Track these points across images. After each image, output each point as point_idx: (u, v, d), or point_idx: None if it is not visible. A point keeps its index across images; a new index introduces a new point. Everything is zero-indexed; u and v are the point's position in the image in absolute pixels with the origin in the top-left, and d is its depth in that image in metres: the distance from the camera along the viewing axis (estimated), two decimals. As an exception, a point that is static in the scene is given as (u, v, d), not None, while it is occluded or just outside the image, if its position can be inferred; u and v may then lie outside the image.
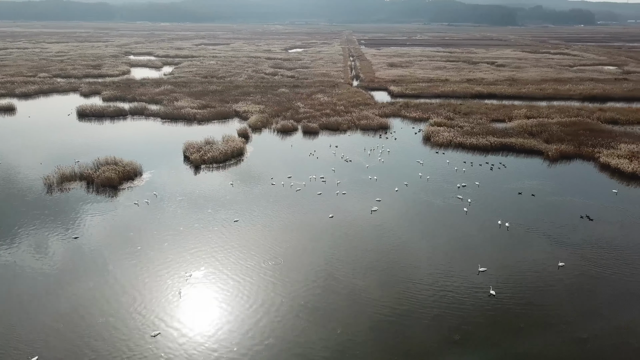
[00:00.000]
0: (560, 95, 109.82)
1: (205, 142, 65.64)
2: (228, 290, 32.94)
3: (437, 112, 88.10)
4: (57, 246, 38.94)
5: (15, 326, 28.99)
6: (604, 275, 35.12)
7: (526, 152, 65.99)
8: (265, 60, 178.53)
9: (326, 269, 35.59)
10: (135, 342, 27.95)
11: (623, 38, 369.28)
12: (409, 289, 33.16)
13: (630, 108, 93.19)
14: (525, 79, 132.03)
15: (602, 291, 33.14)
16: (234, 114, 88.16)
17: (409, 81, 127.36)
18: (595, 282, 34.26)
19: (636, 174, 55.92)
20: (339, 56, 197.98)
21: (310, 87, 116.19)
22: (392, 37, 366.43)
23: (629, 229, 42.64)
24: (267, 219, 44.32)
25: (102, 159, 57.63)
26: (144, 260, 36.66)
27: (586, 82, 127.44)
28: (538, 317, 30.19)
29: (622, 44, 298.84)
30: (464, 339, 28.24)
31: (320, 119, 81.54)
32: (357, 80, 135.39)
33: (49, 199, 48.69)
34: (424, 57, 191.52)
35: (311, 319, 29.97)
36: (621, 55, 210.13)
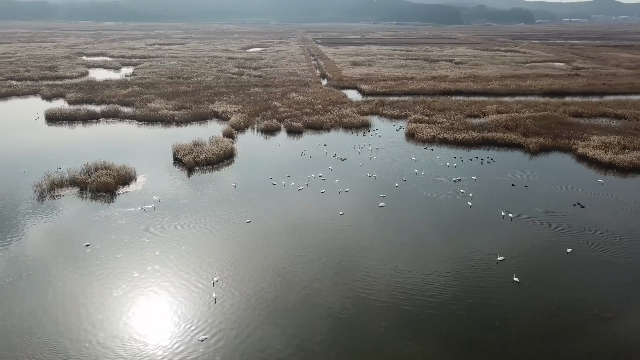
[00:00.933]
0: (523, 91, 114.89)
1: (194, 144, 64.55)
2: (260, 293, 32.77)
3: (413, 109, 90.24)
4: (73, 256, 37.44)
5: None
6: (612, 259, 37.39)
7: (507, 146, 68.83)
8: (227, 60, 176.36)
9: (354, 266, 36.08)
10: (185, 346, 27.50)
11: (563, 36, 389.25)
12: (438, 281, 34.15)
13: (591, 102, 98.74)
14: (486, 76, 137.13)
15: (615, 274, 35.32)
16: (212, 114, 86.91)
17: (377, 79, 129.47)
18: (605, 266, 36.44)
19: (613, 163, 59.57)
20: (300, 55, 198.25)
21: (281, 87, 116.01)
22: (347, 36, 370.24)
23: (621, 215, 45.52)
24: (280, 219, 44.30)
25: (90, 163, 55.60)
26: (167, 267, 35.91)
27: (542, 78, 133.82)
28: (566, 300, 31.91)
29: (563, 41, 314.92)
30: (503, 324, 29.49)
31: (302, 118, 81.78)
32: (325, 79, 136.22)
33: (44, 207, 46.60)
34: (384, 56, 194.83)
35: (355, 315, 30.38)
36: (566, 52, 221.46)
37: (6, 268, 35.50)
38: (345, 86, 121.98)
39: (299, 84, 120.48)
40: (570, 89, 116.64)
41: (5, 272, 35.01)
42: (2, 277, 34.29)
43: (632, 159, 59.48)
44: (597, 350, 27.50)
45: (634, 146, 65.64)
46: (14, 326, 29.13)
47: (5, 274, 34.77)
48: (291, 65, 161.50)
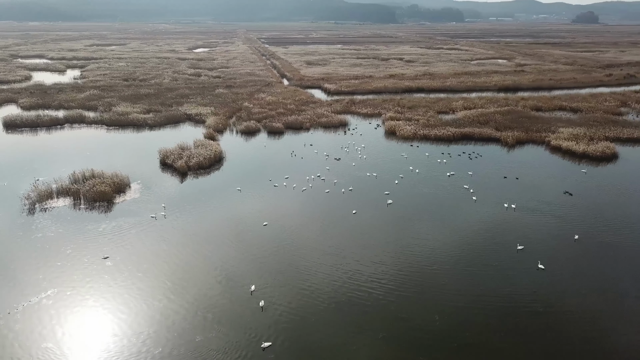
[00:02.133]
0: (479, 87, 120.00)
1: (181, 148, 62.78)
2: (308, 296, 32.58)
3: (385, 108, 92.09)
4: (95, 270, 35.52)
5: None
6: (617, 243, 40.16)
7: (484, 140, 71.87)
8: (178, 60, 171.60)
9: (389, 260, 36.63)
10: (248, 353, 27.02)
11: (495, 34, 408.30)
12: (472, 274, 35.34)
13: (547, 96, 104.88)
14: (440, 73, 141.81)
15: (626, 257, 38.02)
16: (185, 117, 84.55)
17: (338, 79, 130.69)
18: (613, 249, 39.11)
19: (586, 153, 63.74)
20: (251, 55, 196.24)
21: (244, 87, 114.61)
22: (290, 36, 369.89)
23: (611, 200, 48.94)
24: (295, 220, 44.12)
25: (78, 172, 52.74)
26: (199, 275, 34.94)
27: (492, 74, 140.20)
28: (596, 282, 34.08)
29: (496, 39, 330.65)
30: (547, 311, 31.07)
31: (280, 118, 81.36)
32: (285, 79, 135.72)
33: (42, 220, 43.78)
34: (336, 55, 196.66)
35: (409, 311, 30.94)
36: (504, 50, 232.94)
37: (30, 287, 33.19)
38: (308, 86, 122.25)
39: (262, 84, 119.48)
40: (522, 85, 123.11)
41: (30, 291, 32.73)
42: (28, 296, 32.05)
43: (603, 149, 63.90)
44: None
45: (598, 137, 70.46)
46: (48, 351, 27.44)
47: (31, 292, 32.52)
48: (246, 65, 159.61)
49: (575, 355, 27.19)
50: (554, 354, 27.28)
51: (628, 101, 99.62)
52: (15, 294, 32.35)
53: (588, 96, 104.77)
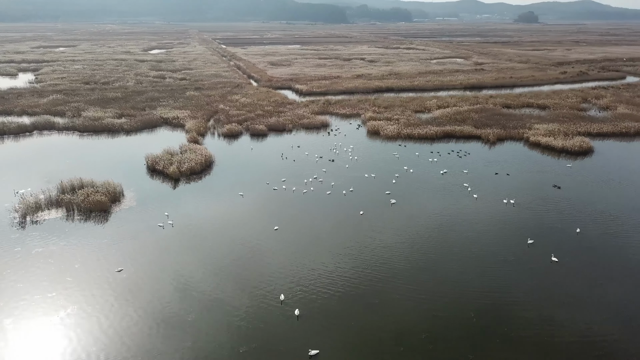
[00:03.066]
0: (446, 86, 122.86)
1: (168, 153, 60.94)
2: (338, 303, 32.40)
3: (362, 108, 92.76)
4: (111, 284, 33.88)
5: None
6: (618, 233, 42.18)
7: (465, 138, 73.67)
8: (137, 62, 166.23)
9: (412, 259, 36.92)
10: None
11: (445, 33, 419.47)
12: (495, 270, 36.14)
13: (513, 94, 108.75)
14: (405, 73, 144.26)
15: (630, 245, 39.98)
16: (162, 121, 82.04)
17: (307, 79, 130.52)
18: (615, 239, 41.05)
19: (565, 148, 66.58)
20: (211, 57, 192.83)
21: (214, 89, 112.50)
22: (245, 36, 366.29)
23: (600, 193, 51.28)
24: (305, 223, 43.73)
25: (65, 182, 50.13)
26: (224, 285, 34.02)
27: (456, 73, 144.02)
28: (611, 271, 35.63)
29: (449, 38, 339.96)
30: (574, 301, 32.22)
31: (260, 120, 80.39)
32: (252, 80, 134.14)
33: (39, 233, 41.35)
34: (297, 56, 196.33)
35: (446, 309, 31.31)
36: (459, 49, 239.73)
37: (46, 306, 31.27)
38: (278, 87, 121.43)
39: (231, 86, 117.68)
40: (486, 83, 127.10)
41: (49, 310, 30.83)
42: (48, 316, 30.19)
43: (580, 144, 66.95)
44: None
45: (572, 132, 73.74)
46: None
47: (50, 311, 30.64)
48: (209, 67, 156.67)
49: (614, 343, 28.30)
50: (593, 341, 28.29)
51: (588, 97, 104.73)
52: (33, 315, 30.41)
53: (550, 93, 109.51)
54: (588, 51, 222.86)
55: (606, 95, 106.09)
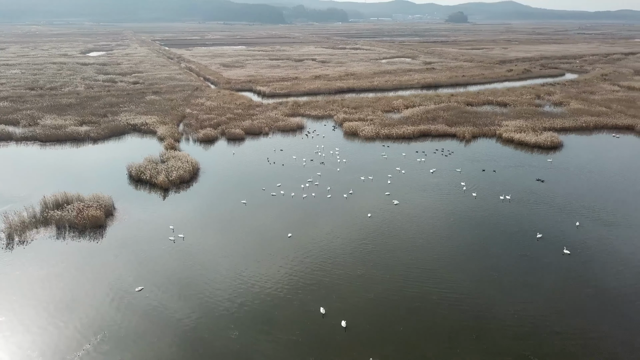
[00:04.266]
0: (405, 85, 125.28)
1: (150, 161, 58.14)
2: (382, 309, 32.11)
3: (332, 109, 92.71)
4: (133, 303, 31.74)
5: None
6: (616, 223, 44.56)
7: (441, 136, 75.41)
8: (79, 66, 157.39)
9: (439, 259, 37.21)
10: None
11: (384, 34, 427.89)
12: (514, 265, 37.12)
13: (472, 92, 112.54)
14: (361, 73, 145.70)
15: (631, 236, 42.35)
16: (130, 128, 78.07)
17: (266, 81, 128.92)
18: (615, 229, 43.36)
19: (538, 144, 69.66)
20: (158, 59, 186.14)
21: (174, 93, 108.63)
22: (185, 37, 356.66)
23: (586, 186, 53.99)
24: (317, 229, 42.96)
25: (49, 197, 46.52)
26: (256, 299, 32.81)
27: (410, 72, 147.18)
28: (623, 261, 37.54)
29: (390, 38, 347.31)
30: (598, 293, 33.65)
31: (234, 124, 78.46)
32: (209, 82, 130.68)
33: (29, 255, 38.13)
34: (248, 57, 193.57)
35: (481, 308, 31.73)
36: (404, 49, 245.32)
37: (73, 332, 28.79)
38: (239, 89, 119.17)
39: (190, 89, 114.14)
40: (441, 82, 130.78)
41: (78, 337, 28.40)
42: (81, 344, 27.80)
43: (551, 139, 70.33)
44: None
45: (539, 128, 77.31)
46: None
47: (80, 338, 28.22)
48: (160, 69, 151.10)
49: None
50: (619, 329, 29.64)
51: (540, 94, 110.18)
52: (64, 344, 27.93)
53: (505, 90, 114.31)
54: (524, 50, 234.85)
55: (556, 92, 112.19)
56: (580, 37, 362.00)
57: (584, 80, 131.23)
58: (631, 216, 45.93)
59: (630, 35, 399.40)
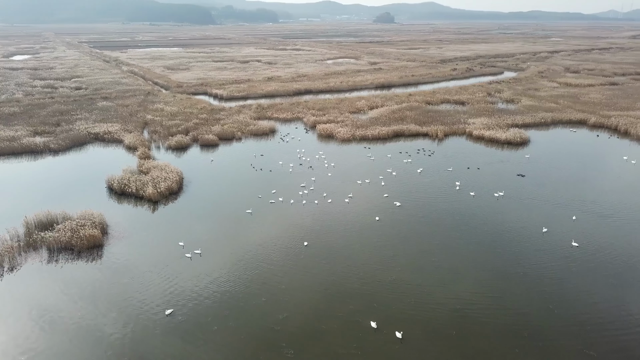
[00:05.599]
0: (359, 86, 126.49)
1: (130, 173, 54.71)
2: (424, 317, 31.88)
3: (298, 111, 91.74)
4: (167, 328, 29.43)
5: None
6: (611, 214, 47.01)
7: (413, 136, 76.67)
8: (9, 71, 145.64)
9: (460, 260, 37.53)
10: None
11: (319, 34, 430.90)
12: (532, 261, 38.14)
13: (428, 91, 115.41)
14: (313, 74, 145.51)
15: (630, 227, 44.86)
16: (91, 137, 72.95)
17: (218, 83, 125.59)
18: (612, 221, 45.76)
19: (508, 140, 72.51)
20: (94, 62, 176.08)
21: (126, 98, 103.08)
22: (114, 39, 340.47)
23: (571, 180, 56.66)
24: (330, 236, 42.01)
25: (30, 218, 42.42)
26: (298, 312, 31.51)
27: (359, 73, 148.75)
28: (631, 250, 39.70)
29: (327, 39, 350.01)
30: (621, 281, 35.30)
31: (204, 129, 75.56)
32: (158, 86, 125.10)
33: (27, 283, 34.46)
34: (190, 59, 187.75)
35: (520, 306, 32.32)
36: (344, 49, 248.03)
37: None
38: (192, 92, 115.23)
39: (142, 94, 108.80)
40: (394, 82, 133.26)
41: None
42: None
43: (520, 135, 73.45)
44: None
45: (503, 125, 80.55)
46: None
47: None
48: (100, 73, 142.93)
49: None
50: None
51: (490, 92, 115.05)
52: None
53: (457, 89, 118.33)
54: (458, 49, 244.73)
55: (504, 89, 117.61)
56: (503, 37, 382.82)
57: (524, 78, 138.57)
58: (620, 207, 48.71)
59: (546, 34, 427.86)
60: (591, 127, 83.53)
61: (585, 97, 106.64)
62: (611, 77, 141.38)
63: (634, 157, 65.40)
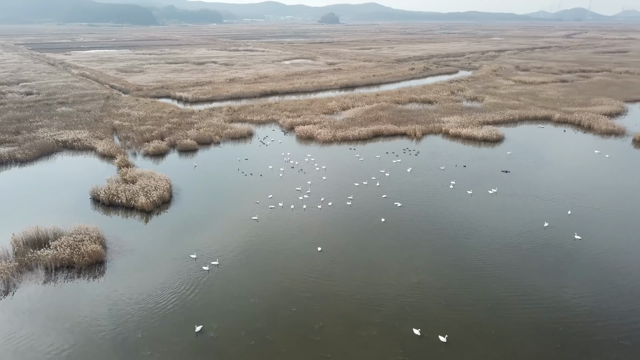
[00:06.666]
0: (325, 87, 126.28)
1: (115, 182, 51.82)
2: (440, 308, 31.87)
3: (272, 113, 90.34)
4: (202, 346, 27.83)
5: None
6: (603, 206, 48.94)
7: (392, 136, 77.19)
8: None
9: (482, 257, 37.88)
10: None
11: (268, 35, 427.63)
12: (541, 255, 39.14)
13: (392, 91, 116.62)
14: (274, 75, 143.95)
15: (627, 220, 46.86)
16: (60, 145, 68.56)
17: (180, 86, 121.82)
18: (605, 213, 47.69)
19: (485, 138, 74.36)
20: (39, 65, 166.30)
21: (85, 103, 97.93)
22: (54, 40, 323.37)
23: (547, 174, 58.71)
24: (341, 240, 41.32)
25: (18, 235, 39.23)
26: (335, 322, 30.70)
27: (321, 74, 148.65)
28: (630, 240, 41.43)
29: (277, 39, 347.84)
30: (631, 270, 36.74)
31: (179, 134, 72.84)
32: (116, 90, 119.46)
33: (40, 304, 31.76)
34: (142, 61, 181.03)
35: (557, 301, 32.93)
36: (298, 50, 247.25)
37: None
38: (154, 95, 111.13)
39: (102, 98, 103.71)
40: (357, 82, 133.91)
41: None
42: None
43: (496, 133, 75.50)
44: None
45: (475, 122, 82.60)
46: None
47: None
48: (49, 77, 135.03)
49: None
50: None
51: (453, 90, 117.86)
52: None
53: (422, 88, 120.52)
54: (409, 49, 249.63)
55: (465, 88, 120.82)
56: (448, 37, 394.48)
57: (481, 77, 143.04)
58: (608, 199, 50.88)
59: (487, 34, 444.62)
60: (556, 122, 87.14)
61: (543, 94, 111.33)
62: (559, 75, 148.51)
63: (605, 150, 68.71)
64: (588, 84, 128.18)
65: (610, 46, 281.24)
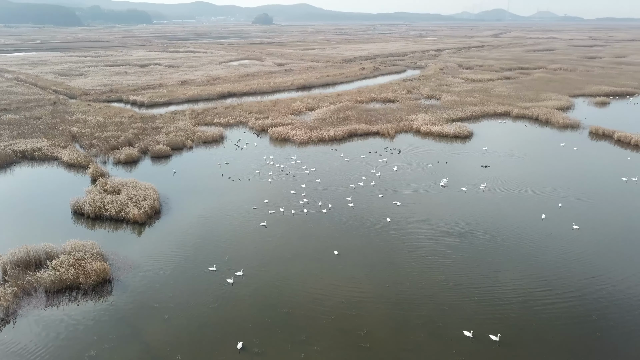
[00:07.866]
0: (282, 88, 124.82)
1: (98, 194, 48.23)
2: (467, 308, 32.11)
3: (238, 115, 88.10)
4: None
5: None
6: (591, 196, 51.33)
7: (366, 135, 77.40)
8: None
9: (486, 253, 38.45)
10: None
11: (204, 36, 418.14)
12: (544, 245, 40.41)
13: (353, 90, 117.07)
14: (226, 77, 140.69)
15: (619, 207, 49.25)
16: (18, 156, 63.00)
17: (131, 90, 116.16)
18: (595, 203, 50.03)
19: (456, 134, 76.20)
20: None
21: (30, 110, 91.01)
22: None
23: (526, 168, 60.96)
24: (353, 242, 40.65)
25: (7, 257, 35.49)
26: (379, 334, 29.99)
27: (275, 75, 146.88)
28: (625, 228, 43.61)
29: (215, 40, 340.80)
30: (631, 256, 38.66)
31: (147, 140, 69.16)
32: (61, 94, 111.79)
33: (58, 331, 28.74)
34: (79, 64, 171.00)
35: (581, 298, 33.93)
36: (241, 51, 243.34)
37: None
38: (105, 100, 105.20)
39: (48, 104, 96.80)
40: (313, 83, 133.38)
41: None
42: None
43: (466, 129, 77.58)
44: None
45: (441, 120, 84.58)
46: None
47: None
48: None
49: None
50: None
51: (408, 89, 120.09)
52: None
53: (378, 87, 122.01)
54: (352, 49, 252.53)
55: (419, 86, 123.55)
56: (384, 37, 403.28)
57: (430, 75, 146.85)
58: (590, 191, 53.44)
59: (420, 34, 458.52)
60: (515, 117, 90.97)
61: (495, 91, 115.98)
62: (501, 72, 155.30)
63: (570, 143, 72.38)
64: (531, 81, 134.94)
65: (537, 44, 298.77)
